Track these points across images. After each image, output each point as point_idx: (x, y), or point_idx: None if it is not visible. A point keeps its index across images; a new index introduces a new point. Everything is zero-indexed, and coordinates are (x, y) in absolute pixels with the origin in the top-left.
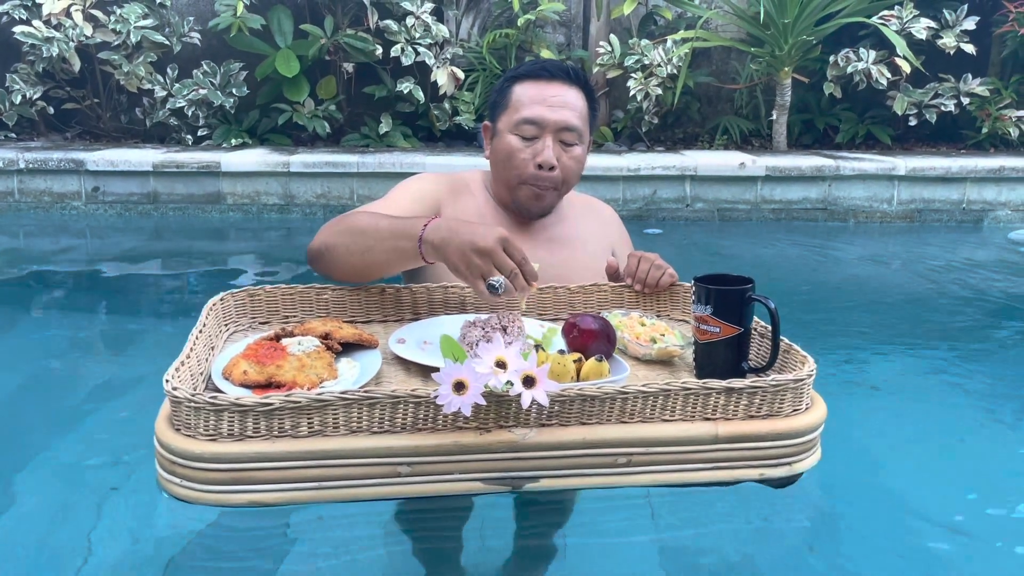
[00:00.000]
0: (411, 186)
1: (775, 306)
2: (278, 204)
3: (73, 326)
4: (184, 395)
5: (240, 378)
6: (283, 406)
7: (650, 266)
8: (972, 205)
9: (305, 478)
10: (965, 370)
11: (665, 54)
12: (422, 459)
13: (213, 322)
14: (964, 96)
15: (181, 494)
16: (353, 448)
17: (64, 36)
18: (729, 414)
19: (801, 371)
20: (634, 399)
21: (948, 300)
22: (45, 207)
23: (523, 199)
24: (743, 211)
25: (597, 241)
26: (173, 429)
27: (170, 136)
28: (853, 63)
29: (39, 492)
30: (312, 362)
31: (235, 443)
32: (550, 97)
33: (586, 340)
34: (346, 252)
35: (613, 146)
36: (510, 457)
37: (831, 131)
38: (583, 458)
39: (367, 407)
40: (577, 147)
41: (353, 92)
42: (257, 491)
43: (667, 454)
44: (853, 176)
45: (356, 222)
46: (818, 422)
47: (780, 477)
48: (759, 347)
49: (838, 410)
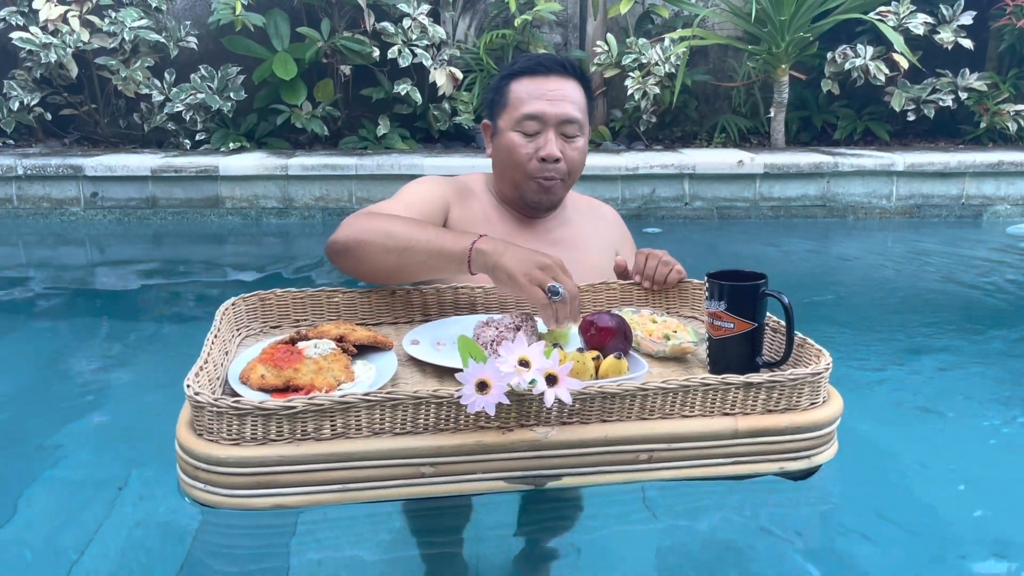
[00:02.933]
0: (421, 188)
1: (789, 301)
2: (277, 208)
3: (74, 332)
4: (207, 400)
5: (258, 382)
6: (306, 409)
7: (658, 263)
8: (971, 200)
9: (328, 480)
10: (967, 364)
11: (663, 53)
12: (445, 459)
13: (226, 326)
14: (962, 91)
15: (204, 499)
16: (376, 450)
17: (61, 42)
18: (748, 409)
19: (818, 365)
20: (654, 395)
21: (948, 295)
22: (44, 214)
23: (531, 194)
24: (742, 209)
25: (601, 242)
26: (195, 434)
27: (168, 141)
28: (851, 60)
29: (40, 499)
30: (329, 365)
31: (258, 447)
32: (549, 91)
33: (604, 338)
34: (382, 251)
35: (611, 145)
36: (532, 456)
37: (829, 128)
38: (605, 455)
39: (390, 408)
40: (579, 138)
41: (351, 94)
42: (281, 494)
43: (688, 449)
44: (852, 172)
45: (392, 222)
46: (835, 415)
47: (799, 470)
48: (772, 342)
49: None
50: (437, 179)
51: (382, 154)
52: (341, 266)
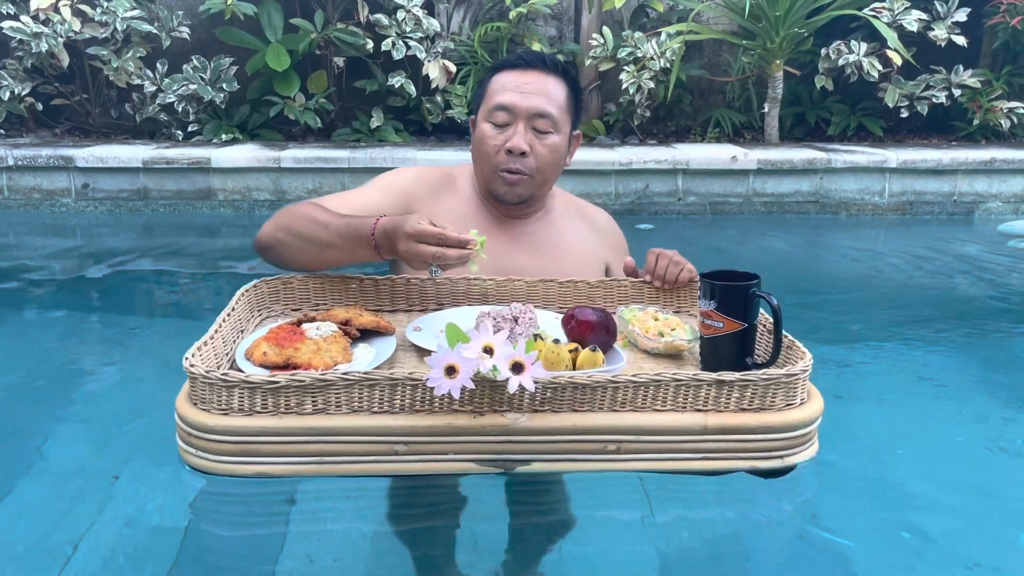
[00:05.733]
0: (384, 179)
1: (778, 303)
2: (269, 200)
3: (65, 324)
4: (200, 372)
5: (260, 359)
6: (288, 384)
7: (668, 263)
8: (963, 197)
9: (308, 452)
10: (957, 359)
11: (658, 47)
12: (417, 439)
13: (244, 307)
14: (955, 88)
15: (197, 463)
16: (353, 426)
17: (52, 31)
18: (720, 406)
19: (794, 367)
20: (624, 388)
21: (939, 291)
22: (35, 204)
23: (497, 188)
24: (735, 204)
25: (586, 248)
26: (191, 404)
27: (160, 132)
28: (844, 55)
29: (32, 491)
30: (328, 346)
31: (244, 418)
32: (524, 84)
33: (583, 331)
34: (298, 250)
35: (605, 140)
36: (502, 440)
37: (823, 124)
38: (573, 444)
39: (367, 388)
40: (552, 135)
41: (344, 86)
42: (264, 463)
43: (656, 443)
44: (845, 168)
45: (306, 220)
46: (812, 417)
47: (771, 468)
48: (767, 343)
49: (829, 400)
50: (412, 171)
51: (375, 147)
52: (268, 262)
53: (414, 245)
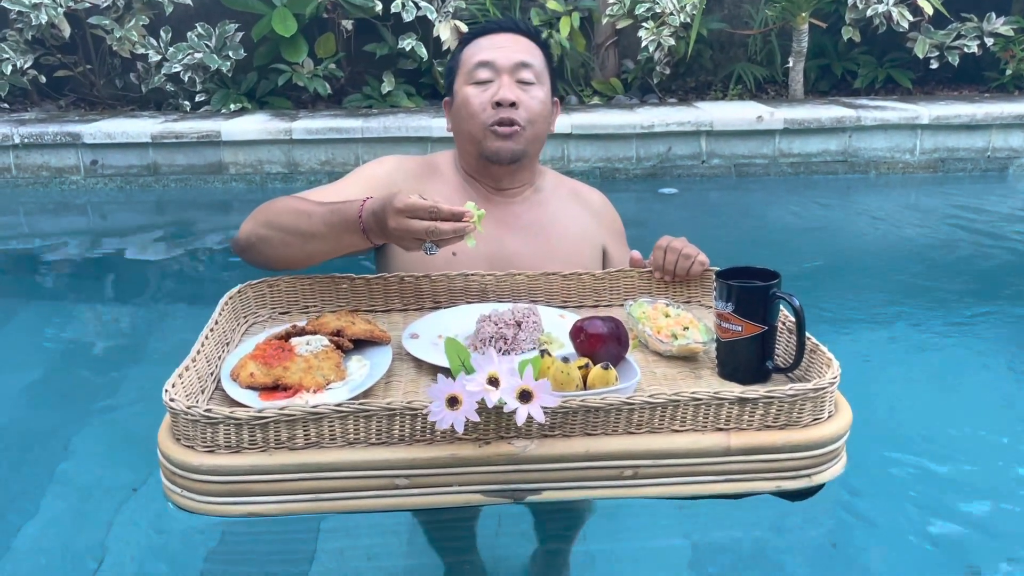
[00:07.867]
0: (365, 170)
1: (800, 304)
2: (282, 173)
3: (78, 305)
4: (180, 407)
5: (247, 380)
6: (278, 419)
7: (677, 256)
8: (997, 153)
9: (302, 490)
10: (996, 330)
11: (678, 2)
12: (419, 471)
13: (229, 316)
14: (987, 36)
15: (183, 504)
16: (349, 460)
17: (52, 1)
18: (743, 424)
19: (823, 379)
20: (640, 410)
21: (973, 252)
22: (44, 182)
23: (490, 146)
24: (761, 166)
25: (581, 230)
26: (174, 440)
27: (167, 102)
28: (873, 5)
29: (56, 497)
30: (319, 363)
31: (232, 455)
32: (499, 42)
33: (594, 345)
34: (281, 244)
35: (624, 99)
36: (510, 469)
37: (849, 76)
38: (587, 470)
39: (363, 419)
40: (536, 87)
41: (353, 50)
42: (255, 503)
43: (676, 466)
44: (875, 126)
45: (287, 211)
46: (840, 432)
47: (799, 489)
48: (788, 343)
49: (862, 380)
50: (393, 160)
51: (388, 115)
52: (249, 262)
53: (404, 220)
